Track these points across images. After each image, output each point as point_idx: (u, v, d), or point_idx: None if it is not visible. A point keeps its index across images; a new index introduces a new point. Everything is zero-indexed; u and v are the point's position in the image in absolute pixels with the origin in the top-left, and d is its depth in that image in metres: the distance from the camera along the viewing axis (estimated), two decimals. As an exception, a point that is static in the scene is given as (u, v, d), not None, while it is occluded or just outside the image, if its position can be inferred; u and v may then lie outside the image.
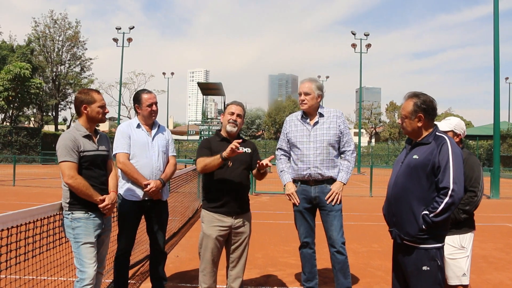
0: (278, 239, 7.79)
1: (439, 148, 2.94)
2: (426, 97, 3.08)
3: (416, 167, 2.99)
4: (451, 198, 2.83)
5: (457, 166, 2.88)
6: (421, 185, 2.96)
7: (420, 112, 3.04)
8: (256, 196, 14.71)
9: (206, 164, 3.76)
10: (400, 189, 3.06)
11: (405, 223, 3.01)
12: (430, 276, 2.93)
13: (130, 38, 38.05)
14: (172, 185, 7.56)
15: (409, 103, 3.09)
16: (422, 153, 3.00)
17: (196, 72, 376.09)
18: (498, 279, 5.55)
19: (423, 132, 3.09)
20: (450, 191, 2.83)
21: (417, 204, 2.95)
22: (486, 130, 34.00)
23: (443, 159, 2.90)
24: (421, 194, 2.95)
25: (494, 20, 16.43)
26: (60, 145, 3.42)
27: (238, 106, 4.02)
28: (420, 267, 2.94)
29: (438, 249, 2.95)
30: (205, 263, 3.86)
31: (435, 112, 3.08)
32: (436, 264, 2.93)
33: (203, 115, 38.38)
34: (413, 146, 3.12)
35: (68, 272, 3.89)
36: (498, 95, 16.85)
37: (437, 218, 2.85)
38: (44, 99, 47.68)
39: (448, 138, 3.01)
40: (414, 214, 2.94)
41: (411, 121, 3.09)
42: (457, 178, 2.85)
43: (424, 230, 2.91)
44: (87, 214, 3.45)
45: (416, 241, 2.95)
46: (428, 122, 3.07)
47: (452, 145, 2.96)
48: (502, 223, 10.25)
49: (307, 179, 4.22)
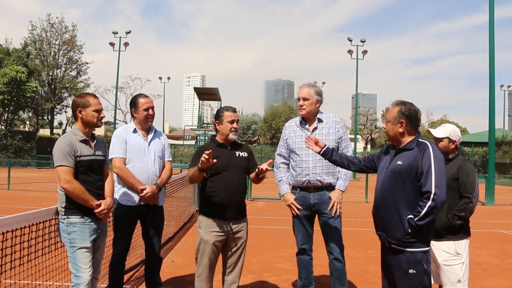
0: (274, 244, 7.78)
1: (422, 154, 3.04)
2: (412, 106, 3.21)
3: (401, 173, 3.08)
4: (434, 202, 2.91)
5: (439, 171, 2.97)
6: (406, 190, 3.05)
7: (403, 118, 3.17)
8: (252, 201, 14.68)
9: (190, 176, 3.85)
10: (386, 194, 3.16)
11: (392, 227, 3.09)
12: (416, 279, 3.01)
13: (127, 42, 38.15)
14: (168, 190, 7.54)
15: (394, 108, 3.23)
16: (405, 159, 3.10)
17: (192, 77, 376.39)
18: (493, 286, 5.57)
19: (406, 139, 3.19)
20: (432, 195, 2.91)
21: (403, 209, 3.04)
22: (481, 137, 34.14)
23: (425, 164, 2.99)
24: (406, 199, 3.04)
25: (490, 28, 16.54)
26: (56, 149, 3.41)
27: (234, 112, 4.00)
28: (406, 270, 3.02)
29: (424, 252, 3.03)
30: (202, 269, 3.85)
31: (417, 122, 3.21)
32: (422, 267, 3.01)
33: (199, 120, 38.41)
34: (397, 152, 3.21)
35: (63, 277, 3.87)
36: (493, 102, 16.95)
37: (421, 222, 2.93)
38: (40, 102, 47.56)
39: (430, 144, 3.11)
40: (400, 218, 3.03)
41: (394, 126, 3.21)
42: (439, 182, 2.94)
43: (410, 233, 2.99)
44: (83, 218, 3.44)
45: (402, 244, 3.03)
46: (410, 129, 3.18)
47: (434, 150, 3.06)
48: (497, 230, 10.28)
49: (306, 186, 4.19)
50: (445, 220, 3.67)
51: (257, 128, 78.42)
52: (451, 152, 3.85)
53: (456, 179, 3.71)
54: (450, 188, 3.72)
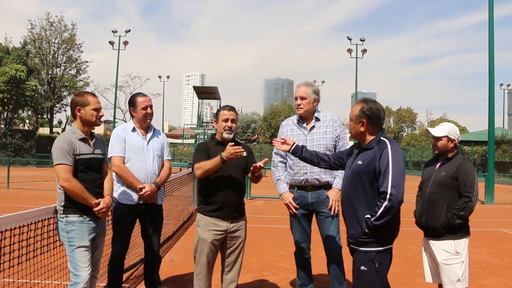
0: (273, 243, 7.79)
1: (380, 153, 2.99)
2: (374, 105, 3.14)
3: (360, 173, 3.06)
4: (390, 202, 2.86)
5: (396, 170, 2.91)
6: (365, 190, 3.03)
7: (364, 117, 3.11)
8: (251, 200, 14.69)
9: (207, 170, 3.70)
10: (348, 194, 3.15)
11: (351, 226, 3.10)
12: (366, 277, 3.00)
13: (126, 41, 38.13)
14: (167, 188, 7.53)
15: (357, 107, 3.17)
16: (365, 158, 3.07)
17: (192, 75, 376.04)
18: (493, 284, 5.57)
19: (368, 138, 3.15)
20: (388, 195, 2.86)
21: (362, 209, 3.02)
22: (480, 136, 34.13)
23: (383, 164, 2.94)
24: (365, 199, 3.02)
25: (490, 27, 16.52)
26: (55, 148, 3.41)
27: (231, 111, 3.97)
28: (359, 267, 3.03)
29: (379, 252, 2.99)
30: (200, 267, 3.84)
31: (379, 121, 3.13)
32: (374, 266, 2.98)
33: (199, 118, 38.38)
34: (360, 152, 3.18)
35: (62, 275, 3.87)
36: (493, 101, 16.95)
37: (378, 222, 2.90)
38: (39, 101, 47.52)
39: (389, 142, 3.04)
40: (358, 218, 3.02)
41: (355, 125, 3.17)
42: (395, 183, 2.88)
43: (367, 233, 2.97)
44: (82, 217, 3.43)
45: (358, 243, 3.03)
46: (372, 128, 3.12)
47: (392, 149, 2.99)
48: (496, 229, 10.28)
49: (304, 185, 4.19)
50: (445, 219, 3.66)
51: (256, 127, 78.45)
52: (450, 151, 3.84)
53: (455, 178, 3.70)
54: (450, 187, 3.72)
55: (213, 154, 3.76)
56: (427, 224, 3.80)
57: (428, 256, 3.93)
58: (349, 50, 37.36)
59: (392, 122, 75.26)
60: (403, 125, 75.09)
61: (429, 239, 3.82)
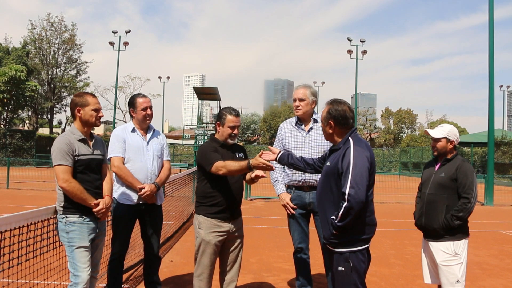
0: (273, 244, 7.79)
1: (343, 153, 2.98)
2: (340, 105, 3.12)
3: (328, 174, 3.07)
4: (348, 203, 2.84)
5: (356, 170, 2.88)
6: (332, 192, 3.03)
7: (330, 119, 3.12)
8: (251, 201, 14.69)
9: (231, 170, 3.61)
10: (320, 196, 3.16)
11: (324, 228, 3.10)
12: (344, 277, 2.99)
13: (127, 41, 38.13)
14: (167, 189, 7.54)
15: (325, 109, 3.18)
16: (332, 159, 3.08)
17: (192, 76, 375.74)
18: (492, 286, 5.57)
19: (337, 139, 3.15)
20: (346, 196, 2.84)
21: (330, 210, 3.02)
22: (480, 137, 34.17)
23: (345, 164, 2.93)
24: (333, 200, 3.02)
25: (490, 28, 16.54)
26: (55, 149, 3.41)
27: (238, 117, 3.90)
28: (337, 268, 3.02)
29: (353, 252, 2.98)
30: (203, 268, 3.82)
31: (347, 121, 3.11)
32: (350, 265, 2.97)
33: (199, 119, 38.34)
34: (330, 153, 3.20)
35: (62, 276, 3.88)
36: (492, 102, 16.96)
37: (341, 223, 2.88)
38: (39, 101, 47.48)
39: (353, 142, 3.01)
40: (328, 219, 3.01)
41: (325, 127, 3.18)
42: (354, 183, 2.85)
43: (335, 234, 2.96)
44: (82, 218, 3.44)
45: (331, 244, 3.03)
46: (339, 129, 3.12)
47: (355, 149, 2.96)
48: (496, 230, 10.29)
49: (302, 185, 4.22)
50: (444, 220, 3.67)
51: (256, 128, 78.47)
52: (449, 152, 3.84)
53: (454, 179, 3.71)
54: (449, 188, 3.73)
55: (222, 155, 3.73)
56: (427, 225, 3.81)
57: (427, 257, 3.94)
58: (349, 51, 37.40)
59: (392, 123, 75.23)
60: (403, 126, 75.10)
61: (429, 240, 3.83)
